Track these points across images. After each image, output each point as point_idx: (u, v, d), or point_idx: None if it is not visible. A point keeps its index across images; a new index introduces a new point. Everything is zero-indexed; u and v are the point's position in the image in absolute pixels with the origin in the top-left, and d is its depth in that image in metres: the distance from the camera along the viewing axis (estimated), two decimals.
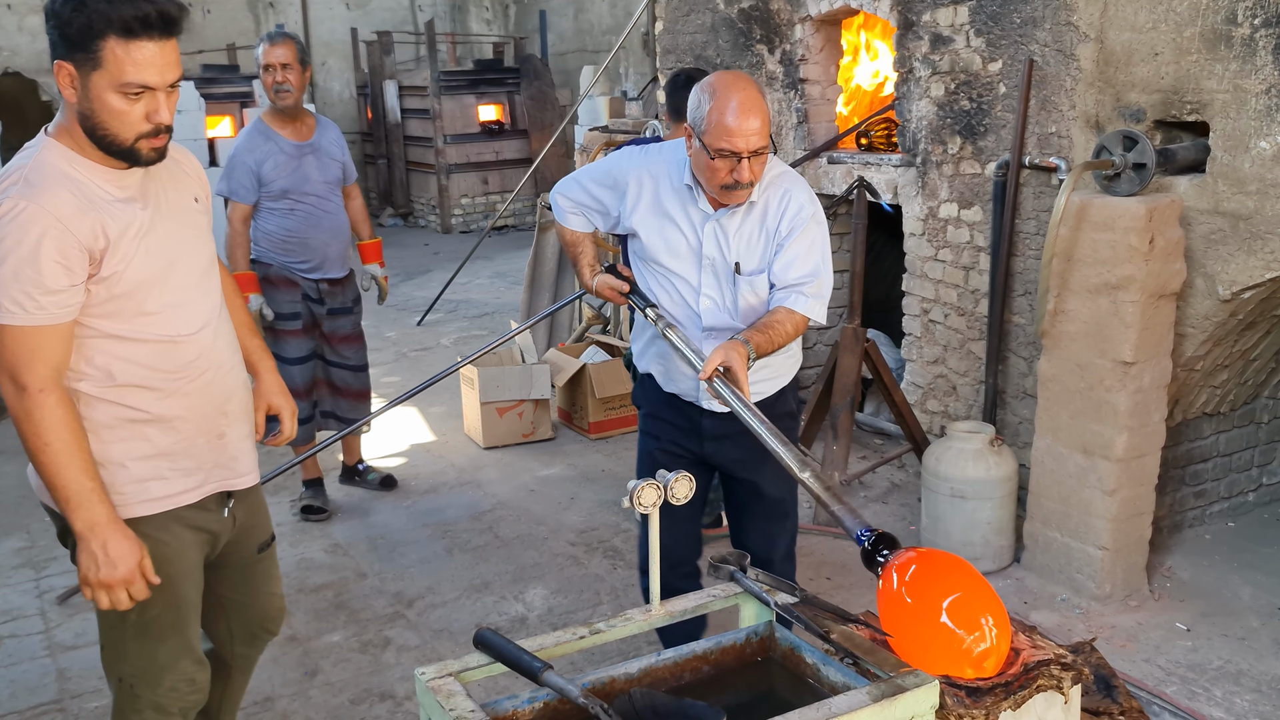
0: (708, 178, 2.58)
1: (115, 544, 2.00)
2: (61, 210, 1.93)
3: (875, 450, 5.15)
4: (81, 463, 1.98)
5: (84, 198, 1.98)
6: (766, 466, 2.72)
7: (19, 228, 1.91)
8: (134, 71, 1.92)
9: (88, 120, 1.97)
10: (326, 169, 4.37)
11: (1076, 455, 3.67)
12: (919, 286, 4.74)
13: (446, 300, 8.76)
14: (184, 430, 2.14)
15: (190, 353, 2.14)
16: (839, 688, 1.84)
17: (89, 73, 1.93)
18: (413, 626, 3.71)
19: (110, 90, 1.93)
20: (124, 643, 2.19)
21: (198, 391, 2.16)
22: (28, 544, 4.44)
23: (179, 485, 2.16)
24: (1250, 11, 3.29)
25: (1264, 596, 3.74)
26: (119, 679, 2.23)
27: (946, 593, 1.88)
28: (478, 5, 15.41)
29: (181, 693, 2.24)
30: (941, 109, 4.46)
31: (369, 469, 4.99)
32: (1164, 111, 3.59)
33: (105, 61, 1.91)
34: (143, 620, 2.15)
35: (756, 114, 2.48)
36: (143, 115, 1.96)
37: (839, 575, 3.97)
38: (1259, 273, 3.39)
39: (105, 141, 1.98)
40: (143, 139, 1.99)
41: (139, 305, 2.05)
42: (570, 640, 1.92)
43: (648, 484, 1.85)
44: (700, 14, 5.85)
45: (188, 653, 2.24)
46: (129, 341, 2.06)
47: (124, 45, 1.90)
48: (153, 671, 2.20)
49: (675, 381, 2.85)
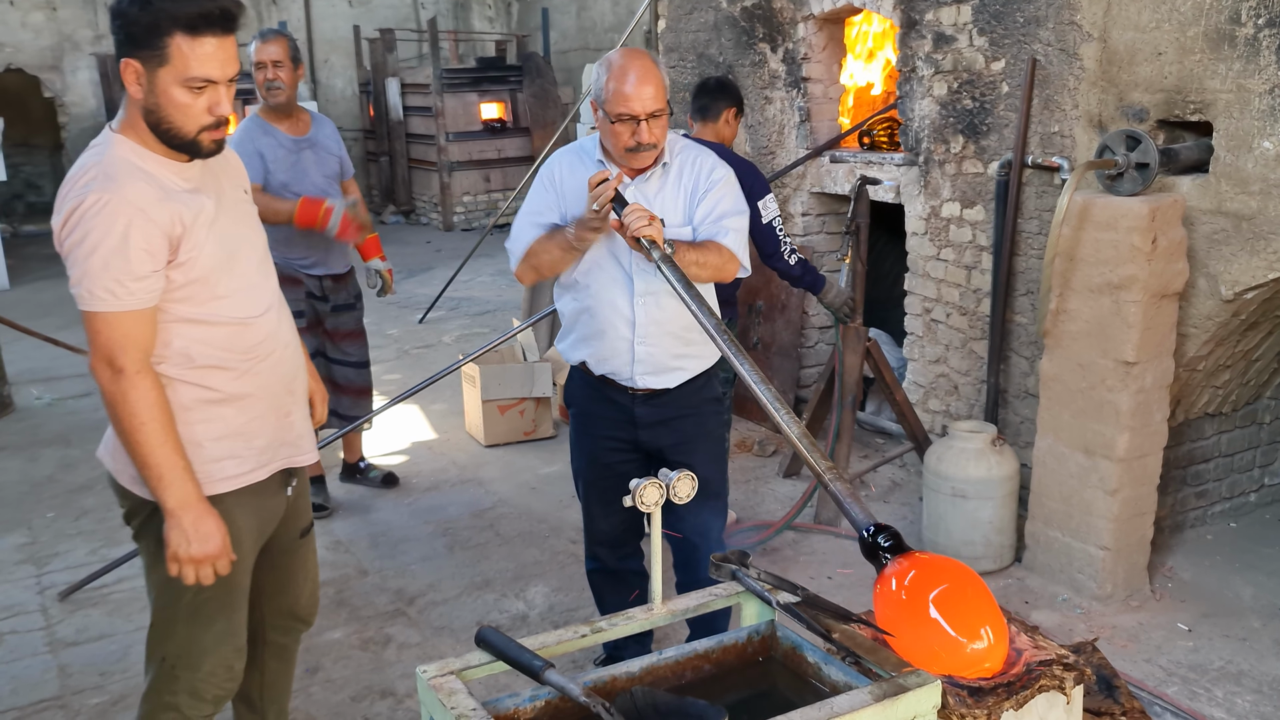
0: (614, 144, 2.75)
1: (204, 521, 2.11)
2: (142, 200, 2.03)
3: (877, 449, 5.14)
4: (174, 442, 2.09)
5: (159, 188, 2.08)
6: (701, 446, 2.97)
7: (106, 220, 2.00)
8: (198, 66, 2.02)
9: (153, 115, 2.06)
10: (324, 164, 4.37)
11: (1078, 455, 3.67)
12: (921, 286, 4.74)
13: (448, 298, 8.76)
14: (256, 409, 2.24)
15: (259, 333, 2.24)
16: (840, 687, 1.84)
17: (155, 69, 2.02)
18: (414, 624, 3.71)
19: (176, 85, 2.03)
20: (174, 623, 2.27)
21: (268, 371, 2.26)
22: (29, 540, 4.44)
23: (251, 463, 2.26)
24: (1254, 11, 3.28)
25: (1265, 597, 3.74)
26: (161, 659, 2.30)
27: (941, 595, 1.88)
28: (480, 3, 15.40)
29: (218, 679, 2.31)
30: (944, 108, 4.46)
31: (370, 466, 4.99)
32: (1167, 111, 3.59)
33: (171, 57, 2.01)
34: (197, 601, 2.24)
35: (650, 80, 2.68)
36: (205, 108, 2.07)
37: (840, 574, 3.97)
38: (1261, 273, 3.39)
39: (170, 135, 2.08)
40: (205, 131, 2.09)
41: (212, 290, 2.16)
42: (572, 639, 1.92)
43: (650, 482, 1.86)
44: (703, 12, 5.84)
45: (231, 638, 2.32)
46: (204, 324, 2.16)
47: (189, 41, 2.01)
48: (195, 654, 2.27)
49: (607, 361, 2.91)
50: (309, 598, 2.61)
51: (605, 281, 2.85)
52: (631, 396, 2.93)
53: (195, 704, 2.31)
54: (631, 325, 2.84)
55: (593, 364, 2.95)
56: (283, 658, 2.65)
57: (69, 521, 4.62)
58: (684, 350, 2.90)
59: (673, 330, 2.87)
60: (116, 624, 3.73)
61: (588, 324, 2.91)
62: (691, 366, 2.94)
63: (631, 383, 2.91)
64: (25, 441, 5.65)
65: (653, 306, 2.83)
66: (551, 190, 2.89)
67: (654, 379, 2.91)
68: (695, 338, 2.87)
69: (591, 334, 2.92)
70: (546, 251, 2.82)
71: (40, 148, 13.92)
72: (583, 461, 3.10)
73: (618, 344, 2.87)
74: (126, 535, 4.41)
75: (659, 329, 2.86)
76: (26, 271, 10.34)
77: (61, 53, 13.00)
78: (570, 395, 3.12)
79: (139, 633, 3.66)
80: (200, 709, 2.33)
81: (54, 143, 13.61)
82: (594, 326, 2.90)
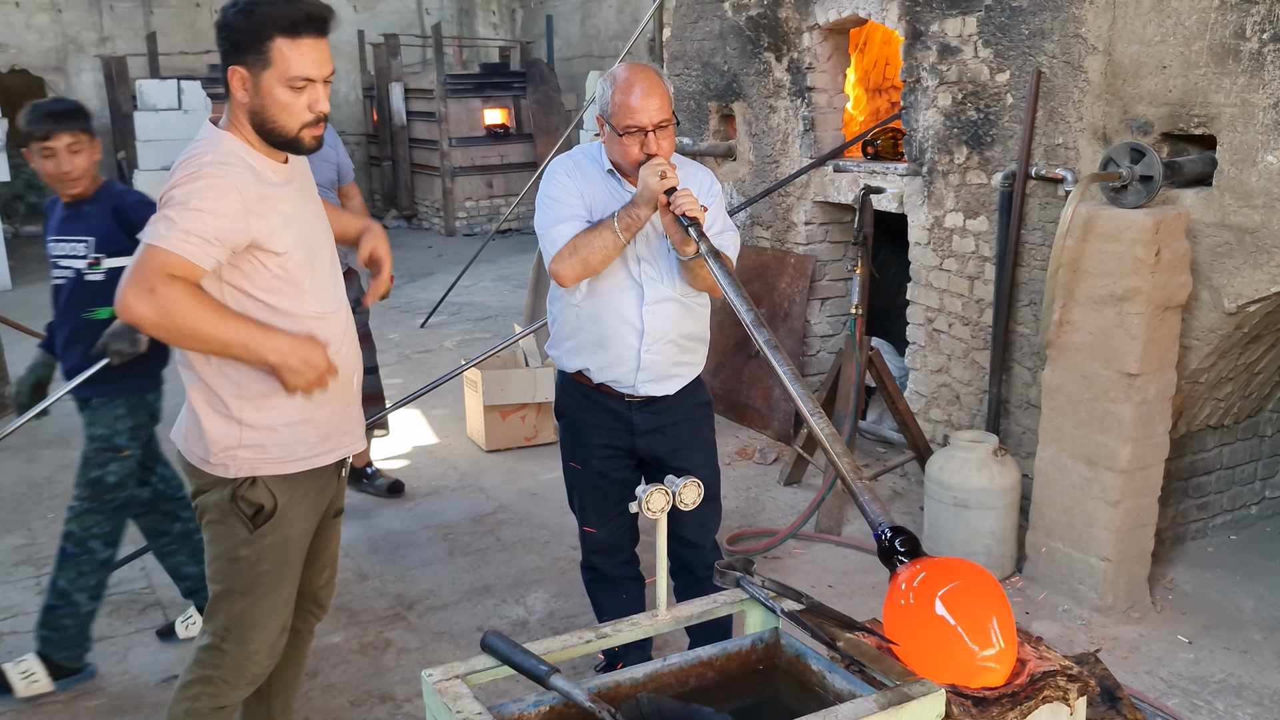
0: (624, 157, 2.77)
1: (303, 349, 2.22)
2: (247, 190, 2.17)
3: (878, 458, 5.15)
4: (235, 316, 2.18)
5: (261, 182, 2.22)
6: (697, 451, 3.02)
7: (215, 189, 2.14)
8: (299, 66, 2.17)
9: (258, 116, 2.21)
10: (320, 170, 4.25)
11: (1080, 466, 3.67)
12: (924, 295, 4.74)
13: (450, 303, 8.76)
14: (324, 398, 2.34)
15: (333, 328, 2.37)
16: (845, 695, 1.83)
17: (259, 72, 2.17)
18: (413, 629, 3.70)
19: (279, 85, 2.18)
20: (231, 594, 2.39)
21: (337, 364, 2.34)
22: (28, 541, 4.44)
23: (318, 449, 2.39)
24: (1259, 26, 3.29)
25: (1266, 610, 3.73)
26: (212, 632, 2.42)
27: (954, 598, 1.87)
28: (485, 9, 15.44)
29: (260, 657, 2.44)
30: (949, 119, 4.47)
31: (377, 473, 4.95)
32: (1171, 124, 3.60)
33: (274, 60, 2.16)
34: (254, 574, 2.37)
35: (655, 92, 2.71)
36: (306, 106, 2.21)
37: (841, 583, 3.97)
38: (1265, 286, 3.39)
39: (274, 133, 2.22)
40: (306, 128, 2.23)
41: (298, 283, 2.28)
42: (577, 644, 1.92)
43: (656, 489, 1.86)
44: (709, 21, 5.86)
45: (279, 614, 2.44)
46: (290, 316, 2.28)
47: (289, 43, 2.16)
48: (246, 628, 2.40)
49: (610, 369, 2.92)
50: (328, 580, 2.69)
51: (613, 289, 2.86)
52: (629, 404, 2.96)
53: (234, 681, 2.42)
54: (640, 334, 2.87)
55: (594, 371, 2.95)
56: (295, 644, 2.69)
57: None
58: (682, 358, 2.96)
59: (674, 338, 2.92)
60: (115, 626, 3.72)
61: (591, 330, 2.91)
62: (687, 373, 3.00)
63: (633, 390, 2.93)
64: (24, 443, 5.64)
65: (660, 315, 2.87)
66: (573, 180, 2.86)
67: (655, 386, 2.94)
68: (693, 345, 2.98)
69: (594, 341, 2.92)
70: (598, 240, 2.72)
71: None
72: (577, 471, 3.09)
73: (624, 351, 2.89)
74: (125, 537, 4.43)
75: (663, 337, 2.90)
76: (28, 272, 10.34)
77: (66, 54, 13.03)
78: (561, 406, 3.12)
79: (138, 635, 3.67)
80: (236, 688, 2.44)
81: None
82: (598, 333, 2.90)
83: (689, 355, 2.99)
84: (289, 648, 2.66)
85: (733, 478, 4.97)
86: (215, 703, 2.43)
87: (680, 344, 2.93)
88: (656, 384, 2.94)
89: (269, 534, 2.35)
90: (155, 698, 3.29)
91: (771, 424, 5.48)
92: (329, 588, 2.71)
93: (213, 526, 2.38)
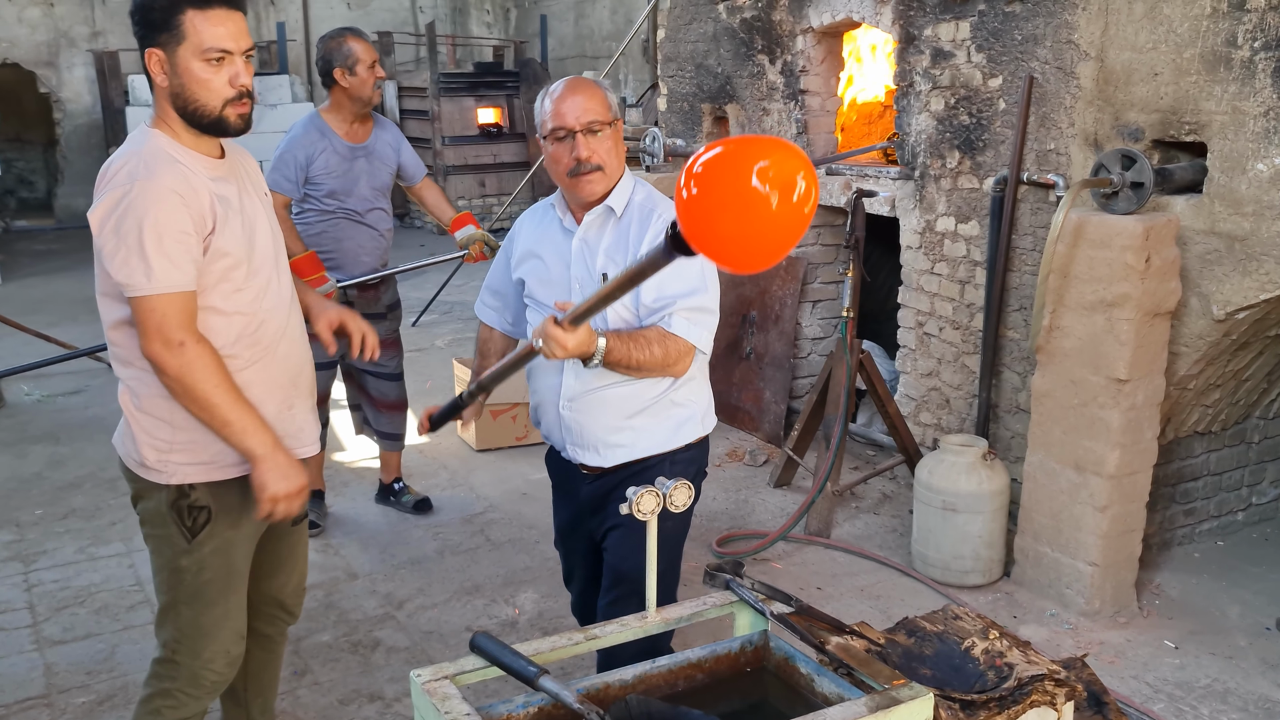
0: (557, 173, 2.49)
1: (287, 460, 2.23)
2: (180, 186, 2.12)
3: (867, 461, 5.16)
4: (243, 397, 2.19)
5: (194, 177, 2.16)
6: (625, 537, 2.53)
7: (150, 204, 2.09)
8: (212, 37, 2.12)
9: (179, 98, 2.16)
10: (376, 175, 4.21)
11: (1068, 471, 3.69)
12: (915, 299, 4.76)
13: (441, 302, 8.76)
14: (259, 399, 2.27)
15: (271, 328, 2.31)
16: (833, 699, 1.84)
17: (174, 49, 2.13)
18: (403, 628, 3.70)
19: (195, 59, 2.13)
20: (177, 606, 2.35)
21: (274, 364, 2.33)
22: (17, 537, 4.42)
23: None
24: (1250, 35, 3.31)
25: (1252, 615, 3.76)
26: (164, 642, 2.39)
27: None
28: (479, 8, 15.43)
29: (217, 665, 2.39)
30: (941, 123, 4.48)
31: (405, 489, 4.74)
32: (1162, 131, 3.62)
33: (187, 33, 2.12)
34: (198, 583, 2.32)
35: (582, 91, 2.44)
36: (226, 80, 2.15)
37: (830, 585, 3.98)
38: (1253, 294, 3.41)
39: (197, 114, 2.17)
40: (229, 105, 2.17)
41: (234, 282, 2.23)
42: (565, 645, 1.92)
43: (647, 491, 1.86)
44: (702, 23, 5.87)
45: (231, 621, 2.39)
46: (223, 314, 2.23)
47: (201, 15, 2.12)
48: (196, 637, 2.35)
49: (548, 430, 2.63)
50: (295, 587, 2.65)
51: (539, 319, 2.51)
52: (579, 472, 2.62)
53: (193, 691, 2.38)
54: (557, 389, 2.54)
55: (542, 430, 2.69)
56: (267, 648, 2.68)
57: (56, 519, 4.60)
58: (625, 423, 2.51)
59: (607, 399, 2.48)
60: (103, 623, 3.71)
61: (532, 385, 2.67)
62: (640, 444, 2.53)
63: (564, 451, 2.62)
64: (14, 438, 5.62)
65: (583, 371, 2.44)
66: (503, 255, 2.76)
67: (586, 454, 2.55)
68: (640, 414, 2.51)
69: (536, 399, 2.66)
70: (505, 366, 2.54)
71: (33, 144, 13.89)
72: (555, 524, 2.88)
73: (550, 410, 2.59)
74: (114, 534, 4.43)
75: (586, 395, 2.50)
76: (18, 267, 10.30)
77: (58, 49, 12.97)
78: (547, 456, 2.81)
79: (125, 632, 3.65)
80: (197, 698, 2.39)
81: (48, 139, 13.57)
82: (535, 389, 2.65)
83: (637, 421, 2.51)
84: (261, 652, 2.65)
85: (723, 479, 4.98)
86: (177, 715, 2.39)
87: (618, 407, 2.49)
88: (587, 452, 2.54)
89: (207, 542, 2.30)
90: None
91: (762, 426, 5.49)
92: (298, 593, 2.67)
93: (154, 538, 2.34)
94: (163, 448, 2.25)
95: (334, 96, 4.12)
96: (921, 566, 4.03)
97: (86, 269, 3.18)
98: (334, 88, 4.09)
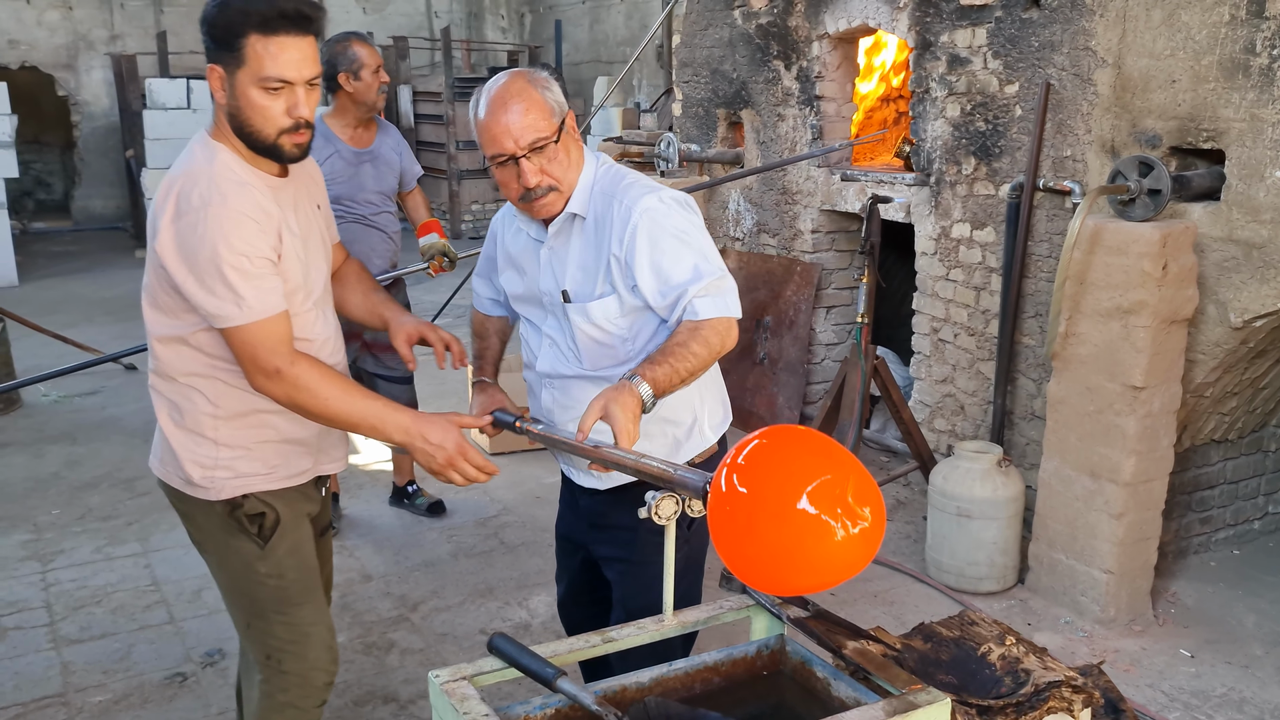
0: (508, 196, 2.25)
1: (431, 430, 2.14)
2: (254, 212, 2.05)
3: (882, 467, 5.15)
4: (360, 392, 2.15)
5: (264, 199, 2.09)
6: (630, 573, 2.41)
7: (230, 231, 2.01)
8: (273, 66, 2.01)
9: (235, 119, 2.07)
10: (382, 178, 4.21)
11: (1084, 478, 3.68)
12: (930, 305, 4.75)
13: (455, 305, 8.75)
14: (301, 420, 2.22)
15: (320, 353, 2.24)
16: (850, 703, 1.84)
17: (234, 71, 2.03)
18: (417, 630, 3.71)
19: (253, 86, 2.03)
20: (266, 615, 2.28)
21: None
22: (34, 536, 4.45)
23: (297, 467, 2.29)
24: (1269, 42, 3.30)
25: (1268, 625, 3.74)
26: (266, 658, 2.30)
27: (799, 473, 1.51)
28: (494, 13, 15.48)
29: (323, 662, 2.33)
30: (957, 129, 4.48)
31: (419, 492, 4.75)
32: (1180, 138, 3.61)
33: (248, 58, 2.01)
34: (281, 586, 2.27)
35: (516, 105, 2.12)
36: (283, 110, 2.05)
37: (842, 590, 3.97)
38: (1271, 301, 3.40)
39: (251, 138, 2.08)
40: (284, 134, 2.08)
41: (293, 307, 2.15)
42: (583, 647, 1.93)
43: (666, 495, 1.86)
44: (718, 28, 5.88)
45: (323, 616, 2.36)
46: None
47: (263, 41, 2.00)
48: (298, 639, 2.29)
49: None
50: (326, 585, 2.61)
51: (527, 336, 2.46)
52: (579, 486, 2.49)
53: (309, 694, 2.32)
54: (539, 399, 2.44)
55: None
56: None
57: (73, 519, 4.63)
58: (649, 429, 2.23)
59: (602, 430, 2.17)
60: (120, 623, 3.73)
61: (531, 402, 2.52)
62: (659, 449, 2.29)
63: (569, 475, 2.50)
64: (31, 438, 5.66)
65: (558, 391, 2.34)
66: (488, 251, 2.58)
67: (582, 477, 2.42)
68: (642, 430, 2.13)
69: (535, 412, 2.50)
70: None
71: (51, 146, 13.99)
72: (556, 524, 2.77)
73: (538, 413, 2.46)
74: (131, 534, 4.46)
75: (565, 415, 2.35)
76: (35, 268, 10.36)
77: (76, 52, 13.07)
78: None
79: (141, 632, 3.68)
80: (314, 700, 2.34)
81: (65, 141, 13.67)
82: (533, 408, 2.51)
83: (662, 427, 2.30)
84: None
85: None
86: None
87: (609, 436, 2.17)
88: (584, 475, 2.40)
89: (280, 544, 2.26)
90: (159, 694, 3.30)
91: None
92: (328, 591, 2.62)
93: (215, 553, 2.28)
94: (207, 464, 2.19)
95: (338, 101, 4.12)
96: (935, 573, 4.02)
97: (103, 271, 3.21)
98: (338, 92, 4.08)
